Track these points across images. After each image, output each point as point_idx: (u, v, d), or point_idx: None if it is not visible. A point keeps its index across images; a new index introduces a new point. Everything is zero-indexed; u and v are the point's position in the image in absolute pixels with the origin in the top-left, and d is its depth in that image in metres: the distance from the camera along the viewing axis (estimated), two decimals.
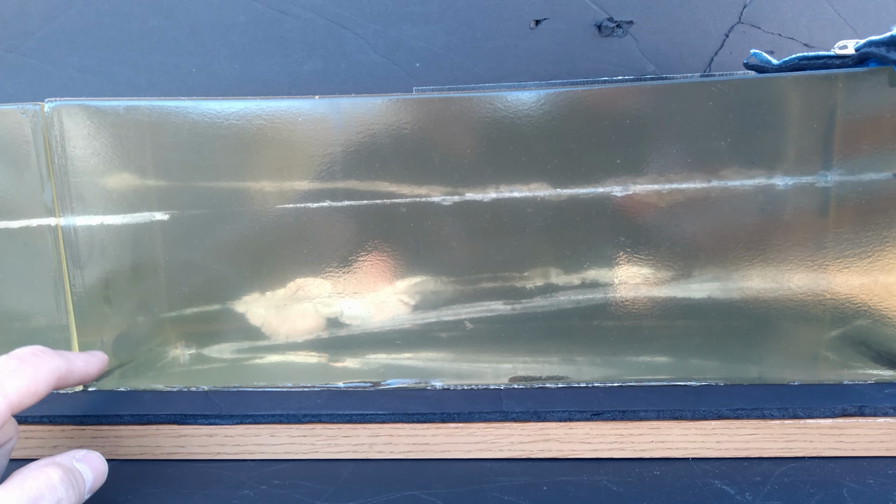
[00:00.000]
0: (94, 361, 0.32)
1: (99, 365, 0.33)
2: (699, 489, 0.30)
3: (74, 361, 0.31)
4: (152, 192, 0.36)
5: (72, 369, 0.30)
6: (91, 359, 0.32)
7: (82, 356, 0.32)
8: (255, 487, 0.32)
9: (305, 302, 0.37)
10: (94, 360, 0.32)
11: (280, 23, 0.44)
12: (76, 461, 0.29)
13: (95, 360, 0.33)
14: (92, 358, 0.32)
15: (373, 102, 0.34)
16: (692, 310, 0.35)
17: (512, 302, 0.36)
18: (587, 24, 0.43)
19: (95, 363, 0.32)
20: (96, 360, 0.33)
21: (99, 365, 0.33)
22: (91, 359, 0.32)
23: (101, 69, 0.45)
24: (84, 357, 0.32)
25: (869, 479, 0.31)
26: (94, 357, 0.33)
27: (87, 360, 0.32)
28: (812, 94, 0.33)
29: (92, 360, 0.32)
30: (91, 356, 0.32)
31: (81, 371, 0.31)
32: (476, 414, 0.33)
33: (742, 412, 0.33)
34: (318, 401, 0.35)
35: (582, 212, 0.35)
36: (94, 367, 0.32)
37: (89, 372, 0.32)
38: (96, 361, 0.33)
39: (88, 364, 0.32)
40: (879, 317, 0.35)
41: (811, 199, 0.34)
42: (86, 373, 0.32)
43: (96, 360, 0.33)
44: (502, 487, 0.31)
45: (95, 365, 0.32)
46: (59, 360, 0.30)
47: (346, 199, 0.35)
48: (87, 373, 0.32)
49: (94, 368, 0.32)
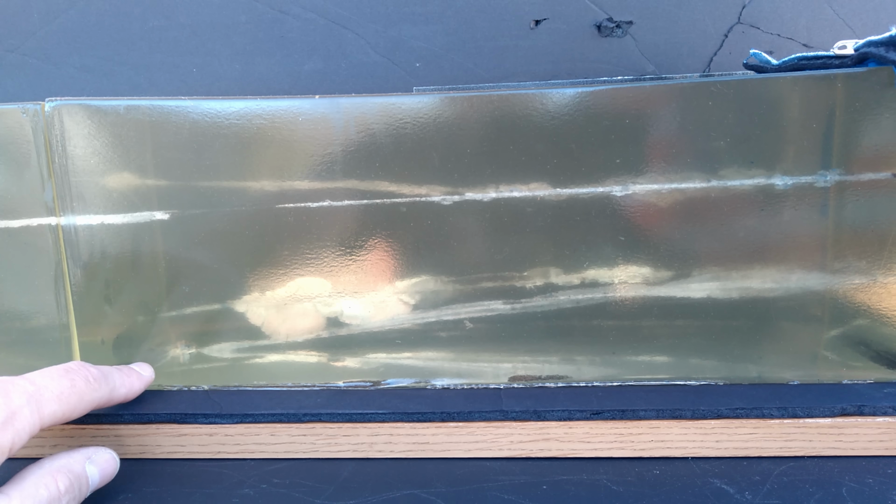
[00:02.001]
0: (136, 386, 0.33)
1: (140, 387, 0.34)
2: (699, 488, 0.30)
3: (117, 390, 0.32)
4: (153, 192, 0.36)
5: (111, 398, 0.31)
6: (135, 383, 0.33)
7: (127, 382, 0.33)
8: (255, 486, 0.32)
9: (305, 301, 0.37)
10: (136, 385, 0.33)
11: (280, 23, 0.44)
12: (88, 463, 0.29)
13: (138, 384, 0.34)
14: (136, 382, 0.33)
15: (373, 102, 0.34)
16: (692, 309, 0.36)
17: (512, 301, 0.36)
18: (587, 24, 0.43)
19: (137, 387, 0.34)
20: (139, 384, 0.34)
21: (140, 387, 0.34)
22: (135, 383, 0.33)
23: (102, 69, 0.45)
24: (128, 383, 0.33)
25: (868, 479, 0.31)
26: (139, 380, 0.34)
27: (129, 387, 0.33)
28: (811, 95, 0.33)
29: (135, 385, 0.33)
30: (137, 379, 0.34)
31: (121, 398, 0.33)
32: (476, 413, 0.34)
33: (741, 412, 0.33)
34: (318, 400, 0.35)
35: (582, 212, 0.35)
36: (134, 392, 0.33)
37: (129, 397, 0.33)
38: (139, 385, 0.34)
39: (130, 391, 0.33)
40: (879, 317, 0.35)
41: (811, 199, 0.34)
42: (125, 398, 0.33)
43: (139, 384, 0.34)
44: (502, 486, 0.31)
45: (136, 389, 0.34)
46: (102, 390, 0.30)
47: (346, 199, 0.35)
48: (126, 398, 0.33)
49: (133, 394, 0.33)
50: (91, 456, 0.29)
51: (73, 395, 0.28)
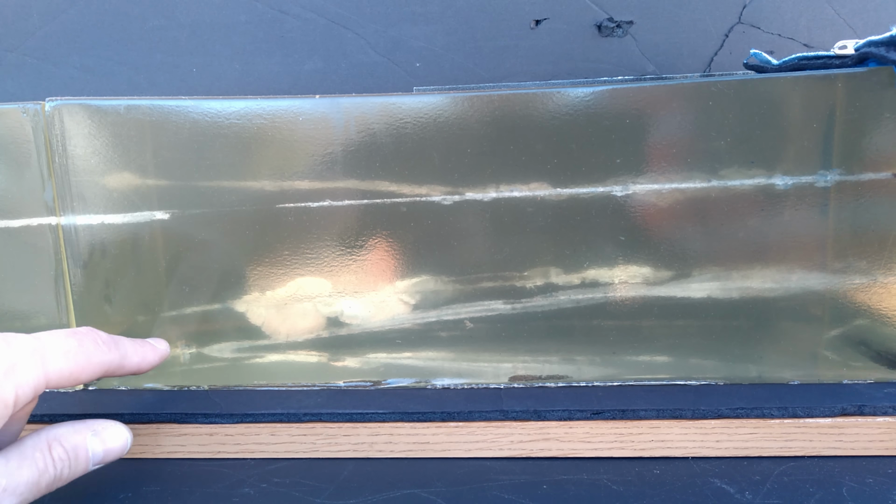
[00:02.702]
0: (150, 357, 0.32)
1: (155, 360, 0.32)
2: (699, 488, 0.30)
3: (130, 357, 0.30)
4: (153, 192, 0.36)
5: (123, 365, 0.30)
6: (150, 354, 0.31)
7: (140, 350, 0.31)
8: (255, 486, 0.32)
9: (306, 301, 0.37)
10: (150, 356, 0.32)
11: (280, 23, 0.44)
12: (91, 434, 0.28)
13: (153, 356, 0.32)
14: (151, 353, 0.32)
15: (373, 102, 0.34)
16: (692, 309, 0.36)
17: (512, 301, 0.36)
18: (587, 24, 0.43)
19: (151, 359, 0.32)
20: (154, 356, 0.32)
21: (155, 360, 0.32)
22: (150, 354, 0.31)
23: (102, 68, 0.45)
24: (142, 352, 0.31)
25: (868, 479, 0.31)
26: (153, 352, 0.32)
27: (143, 356, 0.31)
28: (812, 95, 0.33)
29: (149, 356, 0.31)
30: (151, 351, 0.32)
31: (133, 367, 0.31)
32: (476, 413, 0.34)
33: (742, 411, 0.33)
34: (318, 400, 0.35)
35: (582, 212, 0.35)
36: (148, 363, 0.31)
37: (142, 368, 0.31)
38: (153, 357, 0.32)
39: (143, 360, 0.31)
40: (879, 316, 0.35)
41: (811, 199, 0.34)
42: (138, 368, 0.31)
43: (154, 356, 0.32)
44: (502, 486, 0.31)
45: (150, 361, 0.32)
46: (113, 354, 0.29)
47: (347, 199, 0.35)
48: (139, 368, 0.31)
49: (147, 365, 0.31)
50: (97, 429, 0.28)
51: (80, 353, 0.27)
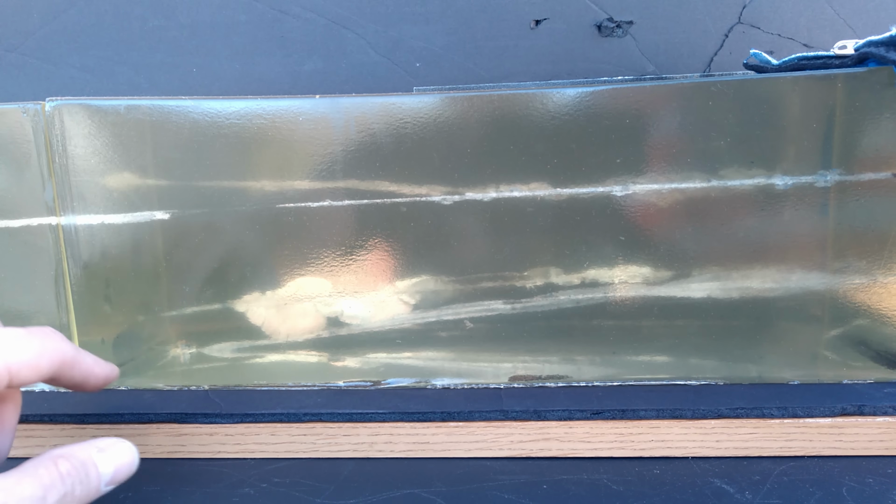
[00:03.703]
0: (103, 364, 0.31)
1: (107, 370, 0.32)
2: (699, 488, 0.30)
3: (83, 355, 0.30)
4: (153, 192, 0.36)
5: (78, 360, 0.30)
6: (101, 362, 0.31)
7: (92, 356, 0.31)
8: (255, 486, 0.32)
9: (306, 301, 0.37)
10: (102, 364, 0.31)
11: (280, 22, 0.44)
12: (97, 451, 0.28)
13: (104, 366, 0.32)
14: (102, 362, 0.31)
15: (373, 102, 0.34)
16: (692, 309, 0.36)
17: (512, 301, 0.36)
18: (587, 24, 0.43)
19: (103, 368, 0.31)
20: (105, 367, 0.32)
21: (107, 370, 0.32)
22: (101, 362, 0.31)
23: (102, 69, 0.45)
24: (94, 357, 0.31)
25: (868, 478, 0.31)
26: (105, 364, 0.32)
27: (95, 360, 0.31)
28: (811, 94, 0.33)
29: (101, 363, 0.31)
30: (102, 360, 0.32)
31: (87, 367, 0.30)
32: (476, 413, 0.34)
33: (742, 411, 0.33)
34: (318, 399, 0.35)
35: (582, 212, 0.35)
36: (102, 368, 0.31)
37: (96, 373, 0.31)
38: (104, 367, 0.32)
39: (97, 363, 0.31)
40: (879, 316, 0.35)
41: (811, 199, 0.34)
42: (91, 371, 0.31)
43: (105, 367, 0.32)
44: (502, 486, 0.31)
45: (104, 367, 0.31)
46: (67, 345, 0.29)
47: (347, 199, 0.35)
48: (91, 371, 0.31)
49: (101, 370, 0.31)
50: (101, 446, 0.28)
51: (33, 340, 0.27)
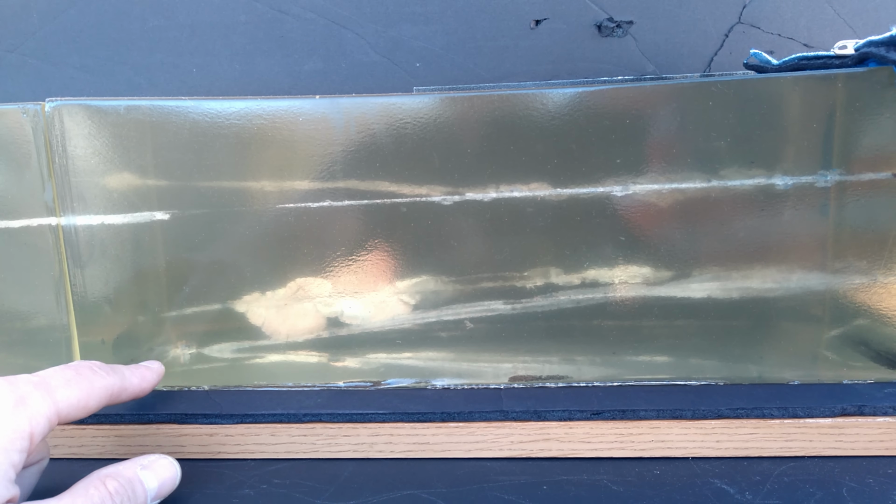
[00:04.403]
0: (149, 377, 0.32)
1: (154, 379, 0.32)
2: (699, 488, 0.30)
3: (129, 378, 0.31)
4: (153, 192, 0.36)
5: (125, 387, 0.30)
6: (147, 374, 0.32)
7: (138, 373, 0.31)
8: (255, 486, 0.32)
9: (306, 301, 0.37)
10: (149, 375, 0.32)
11: (280, 23, 0.44)
12: (141, 469, 0.29)
13: (150, 375, 0.32)
14: (148, 373, 0.32)
15: (373, 102, 0.34)
16: (692, 309, 0.36)
17: (512, 301, 0.36)
18: (587, 24, 0.43)
19: (150, 378, 0.32)
20: (151, 375, 0.32)
21: (154, 379, 0.32)
22: (147, 374, 0.32)
23: (102, 69, 0.45)
24: (140, 373, 0.31)
25: (868, 479, 0.31)
26: (150, 371, 0.32)
27: (142, 377, 0.31)
28: (812, 95, 0.33)
29: (147, 376, 0.32)
30: (147, 371, 0.32)
31: (136, 388, 0.31)
32: (476, 413, 0.34)
33: (742, 412, 0.33)
34: (318, 400, 0.35)
35: (582, 212, 0.35)
36: (148, 382, 0.32)
37: (144, 388, 0.32)
38: (151, 376, 0.32)
39: (144, 380, 0.31)
40: (879, 317, 0.35)
41: (811, 199, 0.34)
42: (140, 389, 0.31)
43: (151, 375, 0.32)
44: (502, 486, 0.31)
45: (150, 380, 0.32)
46: (113, 377, 0.29)
47: (347, 199, 0.35)
48: (141, 389, 0.31)
49: (148, 384, 0.32)
50: (144, 463, 0.29)
51: (81, 380, 0.28)
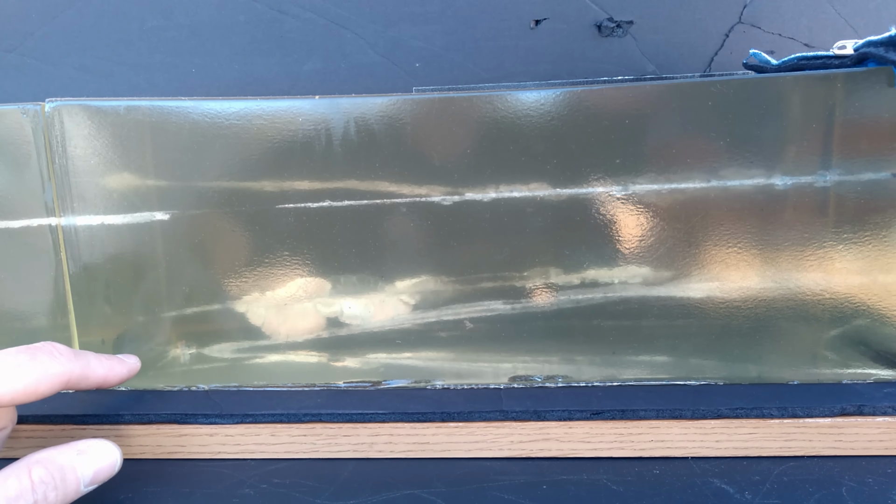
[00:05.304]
0: (118, 369, 0.31)
1: (124, 372, 0.32)
2: (698, 488, 0.30)
3: (93, 367, 0.30)
4: (153, 192, 0.36)
5: (86, 375, 0.29)
6: (117, 366, 0.31)
7: (106, 363, 0.31)
8: (255, 486, 0.32)
9: (305, 301, 0.37)
10: (118, 368, 0.31)
11: (280, 23, 0.44)
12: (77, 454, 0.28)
13: (120, 368, 0.31)
14: (118, 365, 0.31)
15: (373, 102, 0.34)
16: (692, 310, 0.36)
17: (512, 302, 0.36)
18: (587, 24, 0.43)
19: (119, 371, 0.31)
20: (121, 368, 0.31)
21: (124, 372, 0.32)
22: (117, 366, 0.31)
23: (101, 69, 0.45)
24: (108, 364, 0.31)
25: (868, 478, 0.31)
26: (121, 364, 0.32)
27: (109, 368, 0.31)
28: (811, 94, 0.33)
29: (116, 368, 0.31)
30: (118, 363, 0.31)
31: (99, 378, 0.30)
32: (476, 413, 0.34)
33: (741, 411, 0.33)
34: (318, 400, 0.35)
35: (582, 212, 0.35)
36: (116, 374, 0.31)
37: (109, 379, 0.31)
38: (121, 369, 0.31)
39: (110, 371, 0.31)
40: (878, 316, 0.35)
41: (811, 199, 0.34)
42: (104, 379, 0.31)
43: (121, 368, 0.31)
44: (502, 486, 0.31)
45: (119, 373, 0.31)
46: (74, 364, 0.29)
47: (347, 199, 0.35)
48: (105, 379, 0.31)
49: (115, 376, 0.31)
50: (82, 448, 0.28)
51: (33, 366, 0.27)
